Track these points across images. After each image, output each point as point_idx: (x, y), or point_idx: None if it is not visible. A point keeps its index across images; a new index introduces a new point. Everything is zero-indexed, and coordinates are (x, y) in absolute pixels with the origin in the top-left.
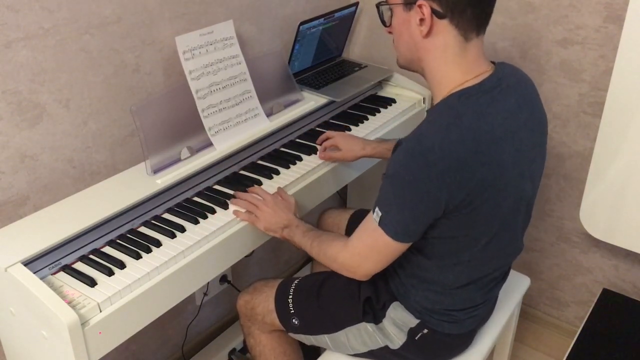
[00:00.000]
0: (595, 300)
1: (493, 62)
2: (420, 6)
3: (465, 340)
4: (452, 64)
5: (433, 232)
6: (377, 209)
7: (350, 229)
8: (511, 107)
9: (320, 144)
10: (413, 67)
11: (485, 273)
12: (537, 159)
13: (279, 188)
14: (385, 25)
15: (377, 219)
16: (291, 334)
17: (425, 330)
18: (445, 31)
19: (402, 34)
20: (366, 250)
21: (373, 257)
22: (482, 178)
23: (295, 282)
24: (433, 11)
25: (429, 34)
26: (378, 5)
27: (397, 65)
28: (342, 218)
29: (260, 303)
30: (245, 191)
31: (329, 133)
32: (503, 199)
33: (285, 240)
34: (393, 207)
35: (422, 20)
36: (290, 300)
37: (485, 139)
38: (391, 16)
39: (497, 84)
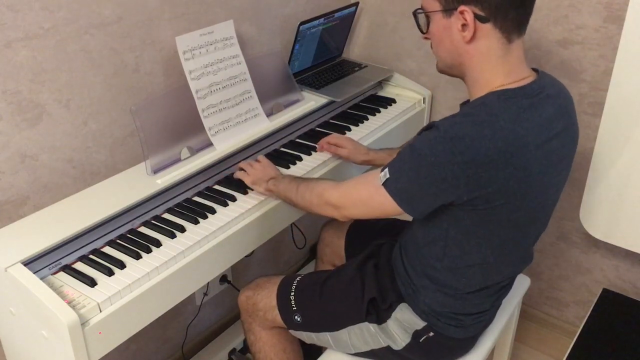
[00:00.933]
0: (595, 300)
1: (535, 70)
2: (462, 12)
3: (469, 343)
4: (495, 66)
5: (448, 220)
6: (386, 170)
7: (348, 241)
8: (549, 116)
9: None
10: (453, 72)
11: (497, 280)
12: (563, 172)
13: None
14: (422, 33)
15: (383, 179)
16: (292, 331)
17: (431, 333)
18: (489, 35)
19: (443, 40)
20: (358, 198)
21: (361, 207)
22: (506, 180)
23: (298, 278)
24: (476, 16)
25: (472, 39)
26: (415, 13)
27: (437, 70)
28: (342, 230)
29: (263, 299)
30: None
31: (330, 139)
32: (523, 206)
33: (270, 193)
34: (405, 176)
35: (464, 25)
36: (292, 297)
37: (517, 142)
38: (428, 23)
39: (538, 91)
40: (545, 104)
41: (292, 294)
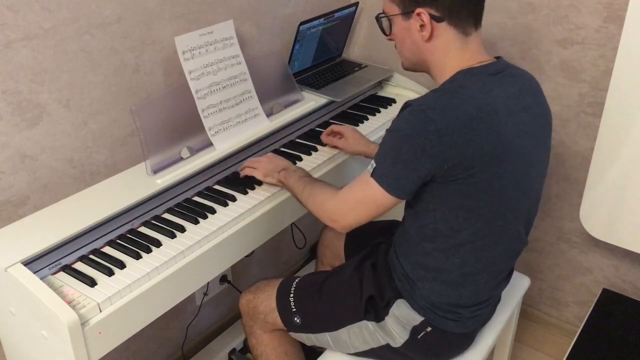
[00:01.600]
0: (595, 300)
1: (497, 57)
2: (419, 14)
3: (467, 339)
4: (455, 57)
5: (434, 202)
6: (372, 161)
7: (348, 242)
8: (514, 92)
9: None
10: (418, 68)
11: (491, 261)
12: (539, 148)
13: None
14: (385, 35)
15: (371, 170)
16: (292, 334)
17: (429, 329)
18: (446, 32)
19: (405, 40)
20: (354, 200)
21: (358, 209)
22: (481, 143)
23: (297, 280)
24: (431, 16)
25: (430, 37)
26: (377, 18)
27: (402, 68)
28: (341, 233)
29: (263, 302)
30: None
31: (334, 128)
32: (504, 173)
33: (281, 184)
34: (388, 158)
35: (422, 26)
36: (291, 299)
37: (486, 108)
38: (390, 25)
39: (501, 69)
40: (509, 80)
41: (292, 295)
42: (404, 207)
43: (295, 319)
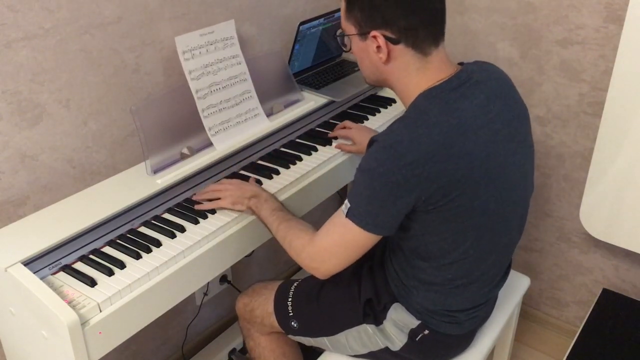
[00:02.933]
0: (595, 300)
1: (461, 63)
2: (374, 36)
3: (465, 340)
4: (415, 77)
5: (419, 228)
6: (346, 201)
7: None
8: (481, 102)
9: (334, 136)
10: (380, 85)
11: (485, 269)
12: (519, 150)
13: (251, 179)
14: (345, 51)
15: (346, 211)
16: (290, 336)
17: (426, 331)
18: (403, 54)
19: (363, 60)
20: (333, 245)
21: (339, 253)
22: (454, 170)
23: (295, 284)
24: (387, 38)
25: (388, 59)
26: (335, 36)
27: (366, 83)
28: None
29: (260, 305)
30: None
31: (347, 123)
32: (482, 191)
33: (251, 212)
34: (363, 198)
35: (378, 47)
36: (289, 303)
37: (453, 132)
38: (350, 42)
39: (464, 80)
40: (474, 90)
41: (290, 300)
42: None
43: (293, 323)
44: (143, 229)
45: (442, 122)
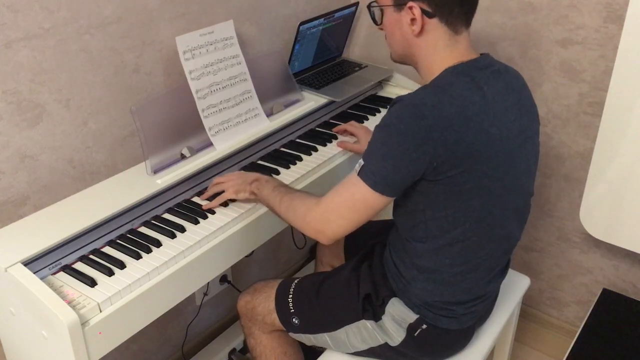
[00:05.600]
0: (595, 300)
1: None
2: (410, 7)
3: (464, 336)
4: (443, 55)
5: (423, 200)
6: (360, 160)
7: (347, 243)
8: (499, 89)
9: (337, 133)
10: (407, 62)
11: (482, 259)
12: (527, 145)
13: None
14: (376, 24)
15: (358, 169)
16: (291, 334)
17: (424, 326)
18: (436, 29)
19: (394, 33)
20: (341, 204)
21: (346, 214)
22: (469, 142)
23: (295, 281)
24: (423, 11)
25: (420, 32)
26: (369, 6)
27: (390, 59)
28: None
29: (261, 303)
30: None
31: (353, 123)
32: (491, 171)
33: (254, 198)
34: (378, 155)
35: (413, 20)
36: (290, 300)
37: (474, 107)
38: (382, 15)
39: (487, 65)
40: (494, 78)
41: (290, 297)
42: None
43: (294, 320)
44: (143, 229)
45: (465, 96)
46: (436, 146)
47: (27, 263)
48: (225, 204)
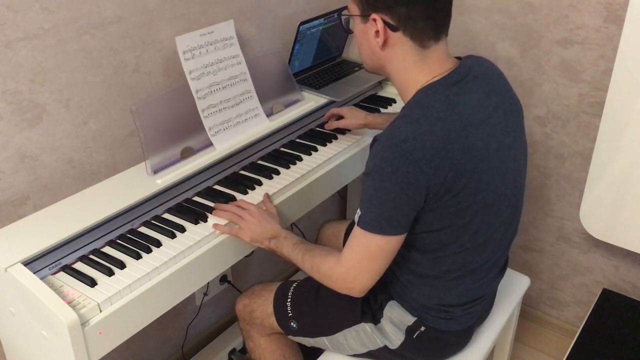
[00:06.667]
0: (595, 300)
1: (459, 58)
2: (374, 19)
3: (463, 338)
4: (413, 70)
5: (421, 227)
6: (358, 210)
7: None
8: (480, 97)
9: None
10: (379, 73)
11: (480, 263)
12: (514, 144)
13: (266, 195)
14: (347, 33)
15: (357, 220)
16: (290, 337)
17: (423, 328)
18: (401, 43)
19: (363, 43)
20: (359, 259)
21: (367, 266)
22: (458, 164)
23: (294, 285)
24: (386, 24)
25: (384, 45)
26: (340, 14)
27: (365, 70)
28: (340, 229)
29: (259, 307)
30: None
31: (333, 110)
32: (483, 185)
33: (271, 251)
34: (375, 202)
35: (377, 32)
36: (288, 303)
37: (455, 127)
38: (353, 24)
39: (463, 75)
40: (473, 86)
41: (289, 300)
42: None
43: (292, 323)
44: (143, 229)
45: (444, 118)
46: (428, 178)
47: (27, 263)
48: (225, 204)
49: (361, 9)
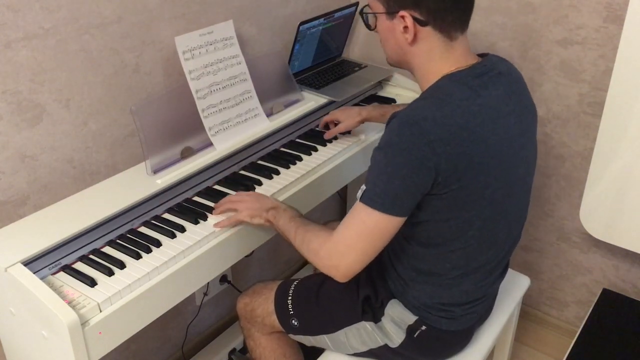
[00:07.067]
0: (595, 300)
1: (481, 55)
2: (402, 16)
3: (464, 337)
4: (439, 62)
5: (426, 214)
6: (362, 185)
7: None
8: (500, 94)
9: (324, 129)
10: (402, 67)
11: (482, 262)
12: (527, 146)
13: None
14: (370, 29)
15: (360, 194)
16: (291, 335)
17: (424, 327)
18: (430, 36)
19: (389, 39)
20: (352, 237)
21: (359, 244)
22: (471, 154)
23: (295, 283)
24: (415, 19)
25: (414, 40)
26: (362, 13)
27: (387, 63)
28: None
29: (260, 305)
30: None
31: (330, 114)
32: (493, 180)
33: (270, 225)
34: (383, 176)
35: (405, 28)
36: (289, 302)
37: (474, 118)
38: (376, 21)
39: (488, 69)
40: (496, 81)
41: (290, 298)
42: None
43: (293, 321)
44: (143, 229)
45: (464, 106)
46: (440, 161)
47: (27, 263)
48: None
49: (386, 6)
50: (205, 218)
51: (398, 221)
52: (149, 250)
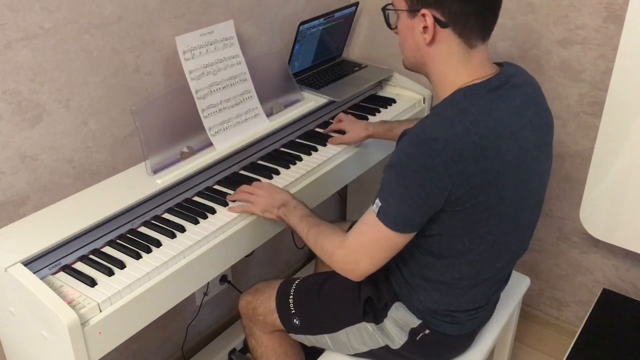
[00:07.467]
0: (595, 300)
1: (498, 64)
2: (423, 15)
3: (466, 341)
4: (456, 68)
5: (439, 228)
6: (377, 200)
7: None
8: (517, 106)
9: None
10: (418, 70)
11: (492, 273)
12: (543, 158)
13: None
14: (390, 28)
15: (376, 210)
16: (292, 335)
17: (427, 331)
18: (449, 40)
19: (407, 39)
20: (365, 246)
21: (371, 254)
22: (486, 172)
23: (297, 282)
24: (436, 20)
25: (432, 41)
26: (384, 9)
27: (403, 66)
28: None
29: (262, 304)
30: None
31: (340, 116)
32: (507, 196)
33: (280, 220)
34: (395, 196)
35: (425, 28)
36: (291, 300)
37: (489, 134)
38: (397, 19)
39: (504, 82)
40: (512, 93)
41: (291, 297)
42: None
43: (295, 320)
44: (143, 229)
45: (479, 122)
46: (453, 181)
47: (27, 263)
48: (225, 204)
49: (409, 3)
50: (205, 218)
51: (409, 236)
52: (149, 250)
